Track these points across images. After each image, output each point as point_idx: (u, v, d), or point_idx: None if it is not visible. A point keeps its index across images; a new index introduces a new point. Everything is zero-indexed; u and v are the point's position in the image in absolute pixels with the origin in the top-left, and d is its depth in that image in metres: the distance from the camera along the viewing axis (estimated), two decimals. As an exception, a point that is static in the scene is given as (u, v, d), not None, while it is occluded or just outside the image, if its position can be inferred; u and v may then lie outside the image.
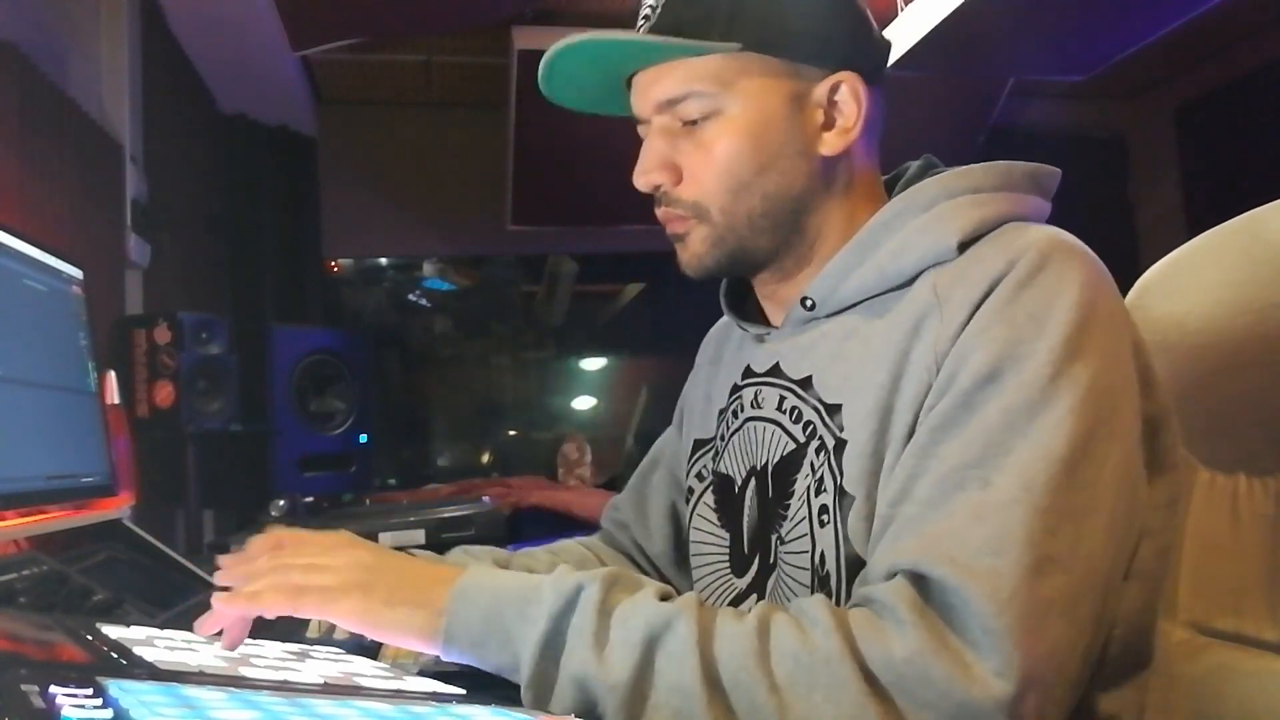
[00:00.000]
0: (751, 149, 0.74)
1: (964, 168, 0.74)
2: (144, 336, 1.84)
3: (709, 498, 0.86)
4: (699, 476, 0.88)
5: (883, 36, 0.79)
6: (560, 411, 5.26)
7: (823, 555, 0.70)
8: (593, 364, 5.35)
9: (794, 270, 0.79)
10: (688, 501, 0.89)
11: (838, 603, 0.67)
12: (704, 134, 0.74)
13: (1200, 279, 0.88)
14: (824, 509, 0.70)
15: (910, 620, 0.56)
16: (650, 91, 0.76)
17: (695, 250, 0.77)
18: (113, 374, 1.44)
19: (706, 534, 0.85)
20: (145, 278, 2.08)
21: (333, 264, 3.85)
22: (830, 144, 0.75)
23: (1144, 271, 0.95)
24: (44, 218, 1.55)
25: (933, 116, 3.06)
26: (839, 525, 0.68)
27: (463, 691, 0.64)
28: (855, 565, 0.67)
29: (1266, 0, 2.87)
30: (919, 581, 0.58)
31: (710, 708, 0.56)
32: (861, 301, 0.74)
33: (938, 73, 2.45)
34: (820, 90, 0.74)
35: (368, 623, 0.62)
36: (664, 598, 0.62)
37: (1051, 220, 0.80)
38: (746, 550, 0.80)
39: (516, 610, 0.61)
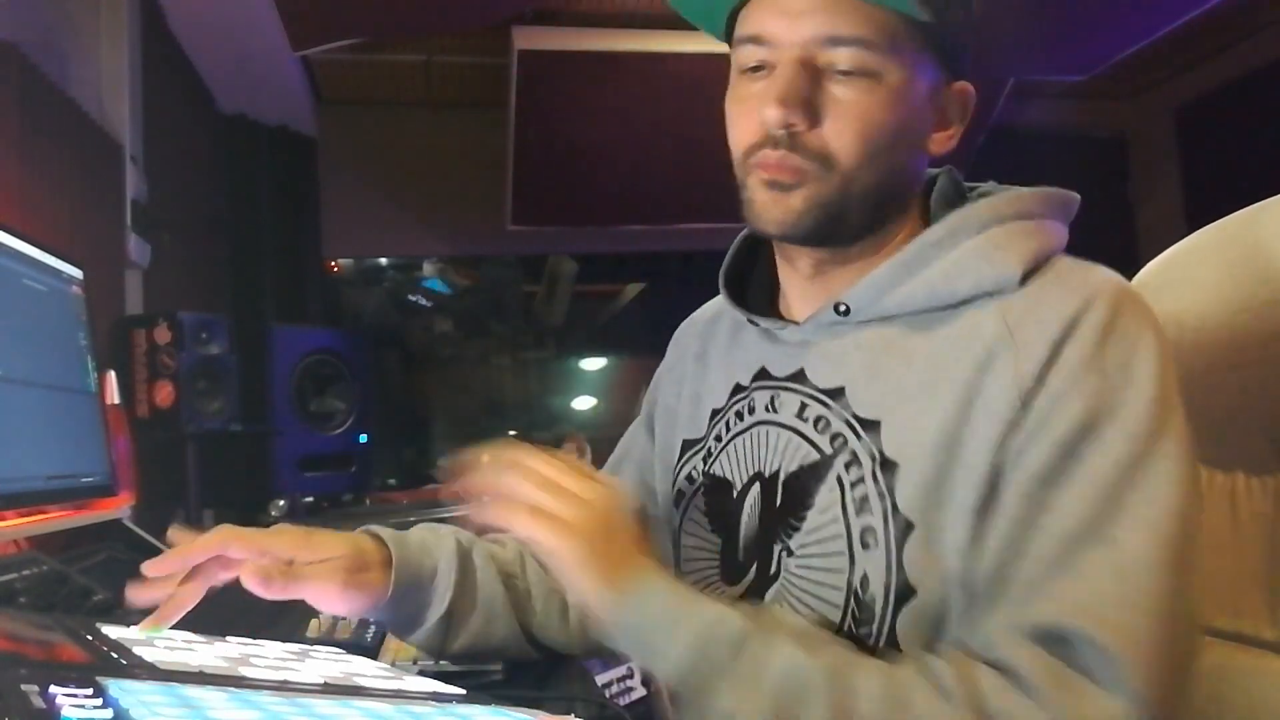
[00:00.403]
0: (896, 122, 0.70)
1: (1012, 192, 0.74)
2: (144, 336, 1.84)
3: (699, 501, 0.83)
4: (689, 478, 0.86)
5: None
6: (560, 411, 5.25)
7: (865, 577, 0.68)
8: (593, 364, 5.35)
9: (855, 256, 0.76)
10: (677, 505, 0.86)
11: (881, 629, 0.67)
12: (855, 88, 0.69)
13: (1197, 276, 0.88)
14: (869, 530, 0.68)
15: (1050, 695, 0.56)
16: (815, 18, 0.68)
17: (795, 206, 0.71)
18: (113, 374, 1.44)
19: (697, 538, 0.83)
20: (145, 278, 2.08)
21: (333, 264, 3.85)
22: (939, 144, 0.75)
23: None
24: (44, 218, 1.55)
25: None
26: (893, 552, 0.67)
27: (463, 691, 0.64)
28: (905, 593, 0.67)
29: (1266, 0, 2.87)
30: (1058, 644, 0.58)
31: None
32: (900, 315, 0.73)
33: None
34: (950, 90, 0.75)
35: (574, 570, 0.66)
36: (805, 642, 0.63)
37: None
38: (741, 557, 0.77)
39: (665, 630, 0.64)
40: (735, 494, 0.79)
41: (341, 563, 0.77)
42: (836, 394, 0.73)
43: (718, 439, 0.83)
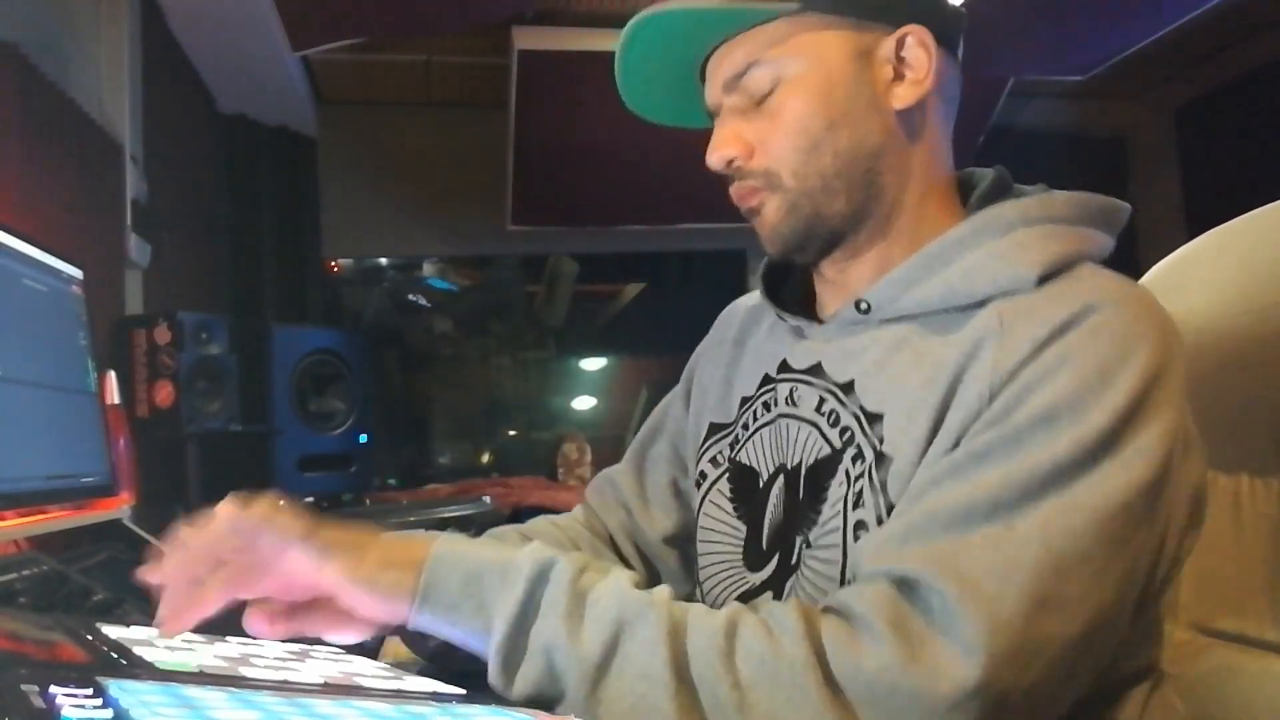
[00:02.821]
0: (819, 105, 0.71)
1: (1045, 195, 0.72)
2: (144, 336, 1.84)
3: (724, 486, 0.83)
4: (713, 462, 0.86)
5: (957, 7, 0.77)
6: (560, 411, 5.25)
7: (856, 571, 0.68)
8: (593, 364, 5.35)
9: (867, 245, 0.76)
10: (698, 486, 0.87)
11: None
12: (772, 102, 0.72)
13: (1202, 279, 0.88)
14: (861, 525, 0.68)
15: (885, 634, 0.55)
16: (718, 73, 0.74)
17: (771, 221, 0.75)
18: (113, 374, 1.44)
19: (719, 523, 0.82)
20: (145, 278, 2.08)
21: (333, 264, 3.85)
22: (902, 96, 0.72)
23: (1144, 271, 0.95)
24: (44, 218, 1.55)
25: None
26: None
27: (463, 691, 0.63)
28: None
29: (1266, 0, 2.87)
30: (910, 589, 0.57)
31: (676, 697, 0.56)
32: (919, 315, 0.72)
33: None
34: (887, 45, 0.72)
35: (354, 582, 0.61)
36: (635, 584, 0.62)
37: None
38: (765, 546, 0.78)
39: (496, 577, 0.61)
40: (762, 484, 0.79)
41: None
42: (848, 388, 0.73)
43: (745, 427, 0.83)
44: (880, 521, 0.67)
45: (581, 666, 0.57)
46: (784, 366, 0.80)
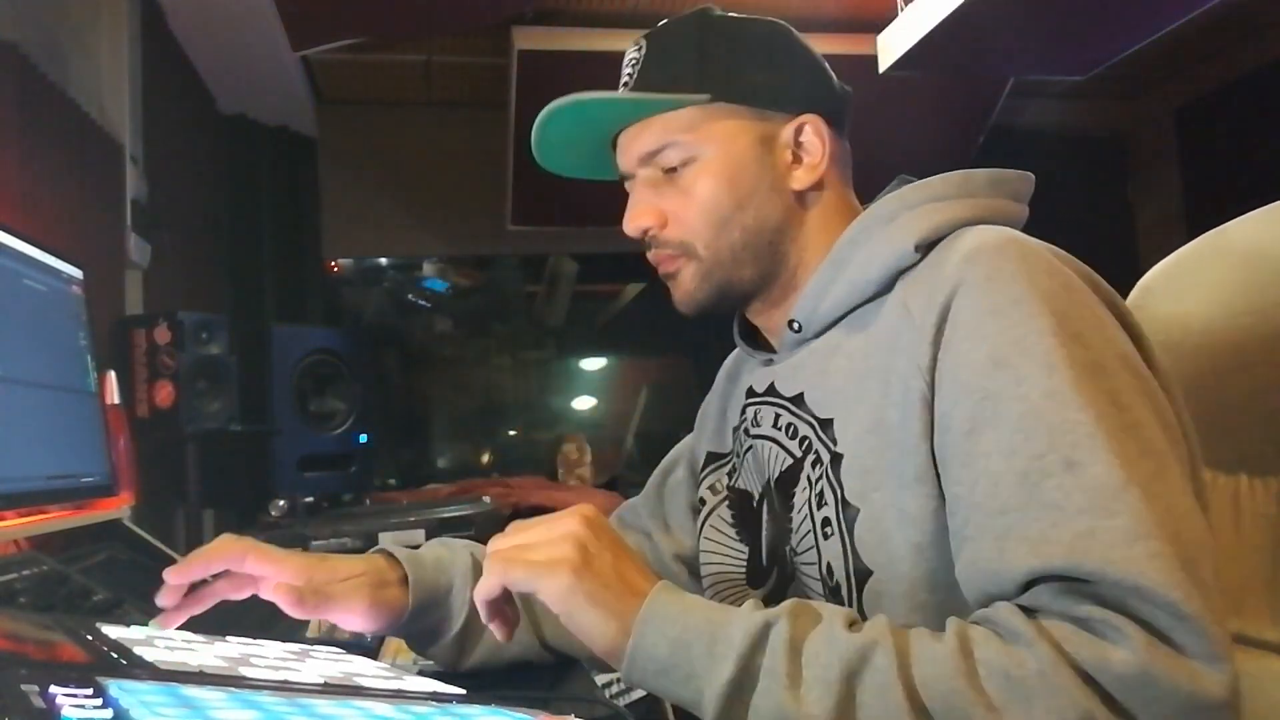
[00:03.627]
0: (729, 187, 0.79)
1: (923, 180, 0.78)
2: (144, 336, 1.84)
3: (724, 512, 0.88)
4: (712, 489, 0.91)
5: (843, 86, 0.84)
6: (560, 411, 5.25)
7: (829, 566, 0.72)
8: (593, 364, 5.35)
9: (781, 298, 0.83)
10: (697, 512, 0.91)
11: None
12: (684, 179, 0.80)
13: (1201, 280, 0.88)
14: (826, 521, 0.72)
15: (1117, 625, 0.54)
16: (632, 147, 0.82)
17: (686, 287, 0.82)
18: (113, 374, 1.44)
19: (722, 546, 0.87)
20: (145, 278, 2.08)
21: (333, 264, 3.84)
22: (801, 179, 0.80)
23: (1144, 272, 0.95)
24: (44, 218, 1.55)
25: (933, 116, 3.06)
26: (846, 537, 0.70)
27: (463, 691, 0.64)
28: (864, 575, 0.69)
29: (1266, 0, 2.87)
30: (1078, 586, 0.56)
31: None
32: (843, 317, 0.77)
33: (938, 73, 2.45)
34: (786, 132, 0.80)
35: (566, 608, 0.62)
36: (850, 623, 0.60)
37: (1052, 220, 0.82)
38: (765, 562, 0.82)
39: (704, 646, 0.60)
40: (754, 504, 0.84)
41: (365, 579, 0.80)
42: (798, 400, 0.78)
43: (738, 454, 0.88)
44: (840, 517, 0.70)
45: None
46: (750, 392, 0.86)
